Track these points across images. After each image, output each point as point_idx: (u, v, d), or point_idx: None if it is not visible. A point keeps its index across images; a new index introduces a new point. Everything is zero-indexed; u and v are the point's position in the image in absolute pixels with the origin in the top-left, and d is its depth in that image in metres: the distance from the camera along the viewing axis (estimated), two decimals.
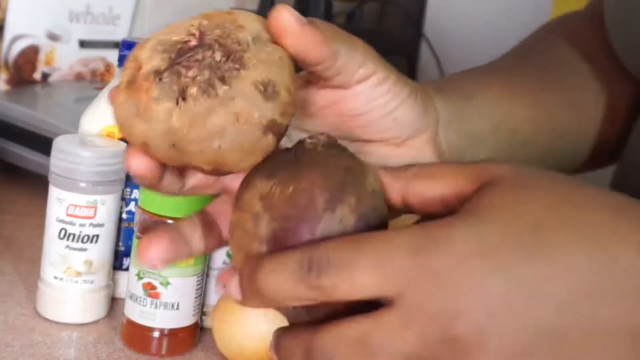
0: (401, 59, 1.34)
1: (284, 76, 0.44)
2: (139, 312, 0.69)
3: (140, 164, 0.44)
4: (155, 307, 0.68)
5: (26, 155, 0.96)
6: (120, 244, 0.77)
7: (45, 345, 0.68)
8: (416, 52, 1.45)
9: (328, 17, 1.23)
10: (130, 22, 1.21)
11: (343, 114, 0.50)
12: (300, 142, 0.45)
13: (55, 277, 0.71)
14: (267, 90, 0.43)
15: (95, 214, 0.70)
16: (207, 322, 0.74)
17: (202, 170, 0.44)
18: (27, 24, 1.09)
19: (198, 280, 0.70)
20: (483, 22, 1.43)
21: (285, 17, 0.44)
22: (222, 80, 0.42)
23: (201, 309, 0.72)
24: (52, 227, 0.71)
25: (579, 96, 0.68)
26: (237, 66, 0.43)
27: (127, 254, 0.77)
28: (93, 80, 1.16)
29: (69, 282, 0.71)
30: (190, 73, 0.43)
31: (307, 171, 0.43)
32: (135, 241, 0.70)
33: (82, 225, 0.70)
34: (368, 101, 0.50)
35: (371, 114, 0.50)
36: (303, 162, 0.43)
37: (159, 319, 0.68)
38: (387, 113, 0.50)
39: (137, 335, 0.69)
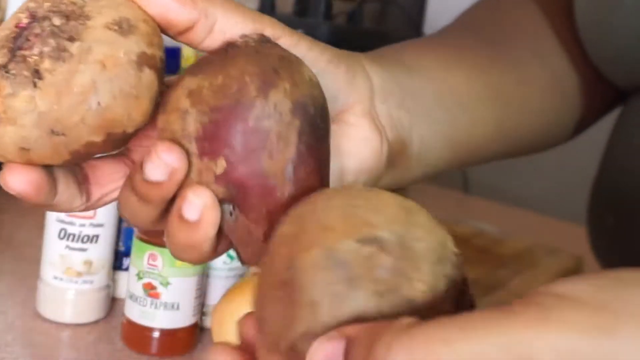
0: None
1: (135, 10, 0.40)
2: (139, 312, 0.69)
3: (20, 178, 0.39)
4: (155, 307, 0.68)
5: None
6: (120, 244, 0.77)
7: (45, 345, 0.68)
8: None
9: (328, 17, 1.23)
10: None
11: None
12: (231, 42, 0.41)
13: (55, 277, 0.71)
14: (122, 27, 0.39)
15: (95, 214, 0.70)
16: (207, 322, 0.74)
17: (97, 148, 0.39)
18: None
19: (198, 281, 0.70)
20: None
21: None
22: (71, 39, 0.38)
23: (201, 309, 0.72)
24: (52, 227, 0.71)
25: (539, 72, 0.64)
26: (81, 22, 0.39)
27: (127, 254, 0.77)
28: None
29: (68, 282, 0.71)
30: (35, 50, 0.38)
31: (237, 61, 0.39)
32: (135, 241, 0.70)
33: (82, 225, 0.70)
34: None
35: None
36: (233, 55, 0.40)
37: (159, 319, 0.68)
38: None
39: (137, 335, 0.69)
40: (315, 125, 0.40)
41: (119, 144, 0.40)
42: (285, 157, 0.39)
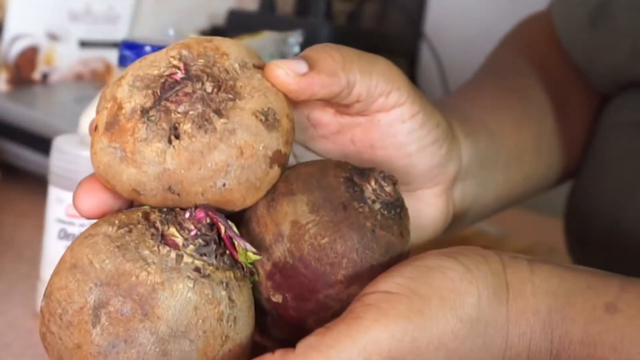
0: (401, 59, 1.34)
1: (281, 102, 0.41)
2: None
3: (95, 203, 0.43)
4: None
5: (26, 155, 0.96)
6: None
7: None
8: (416, 52, 1.45)
9: (328, 17, 1.23)
10: (130, 22, 1.21)
11: (356, 143, 0.47)
12: (363, 182, 0.42)
13: None
14: (268, 119, 0.40)
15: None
16: None
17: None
18: (26, 24, 1.09)
19: None
20: (484, 22, 1.43)
21: (281, 76, 0.41)
22: (218, 112, 0.39)
23: None
24: (51, 228, 0.70)
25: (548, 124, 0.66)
26: (230, 96, 0.40)
27: None
28: (93, 80, 1.17)
29: None
30: (181, 108, 0.39)
31: (349, 234, 0.41)
32: None
33: (82, 225, 0.70)
34: (386, 136, 0.46)
35: (386, 151, 0.47)
36: (352, 218, 0.41)
37: None
38: (403, 155, 0.47)
39: None
40: None
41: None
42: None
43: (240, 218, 0.44)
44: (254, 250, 0.41)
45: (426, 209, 0.50)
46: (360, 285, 0.41)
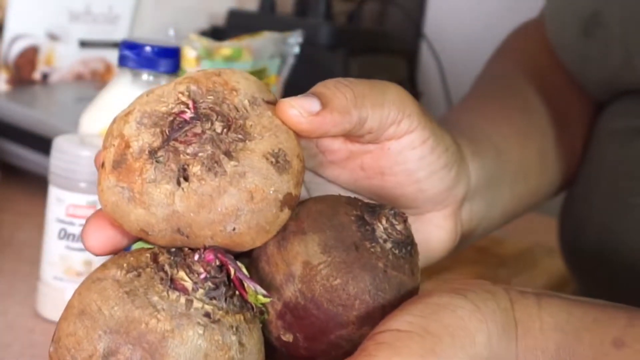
0: (401, 59, 1.34)
1: (292, 142, 0.41)
2: None
3: (104, 240, 0.43)
4: None
5: (26, 155, 0.96)
6: None
7: (45, 346, 0.67)
8: (416, 52, 1.45)
9: (328, 17, 1.23)
10: (130, 22, 1.21)
11: (366, 169, 0.47)
12: (374, 220, 0.42)
13: (55, 278, 0.71)
14: (278, 162, 0.39)
15: None
16: None
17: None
18: (26, 24, 1.09)
19: None
20: (484, 22, 1.43)
21: (294, 116, 0.41)
22: (228, 154, 0.38)
23: None
24: (51, 227, 0.71)
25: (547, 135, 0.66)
26: (240, 136, 0.39)
27: None
28: (93, 80, 1.17)
29: (68, 282, 0.71)
30: (190, 149, 0.38)
31: (361, 275, 0.41)
32: None
33: (81, 225, 0.70)
34: (396, 163, 0.46)
35: (395, 178, 0.47)
36: (364, 259, 0.41)
37: None
38: (413, 181, 0.47)
39: None
40: None
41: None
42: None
43: (247, 254, 0.43)
44: (264, 292, 0.40)
45: (435, 231, 0.50)
46: (372, 326, 0.41)
